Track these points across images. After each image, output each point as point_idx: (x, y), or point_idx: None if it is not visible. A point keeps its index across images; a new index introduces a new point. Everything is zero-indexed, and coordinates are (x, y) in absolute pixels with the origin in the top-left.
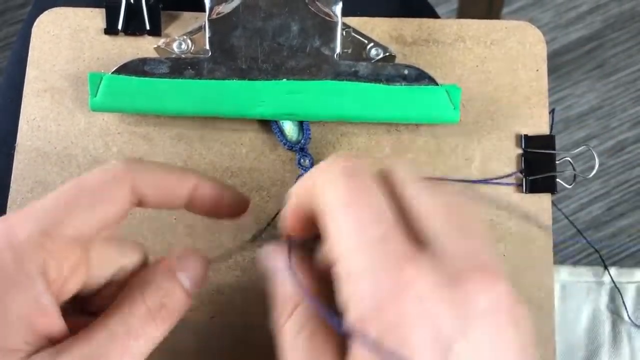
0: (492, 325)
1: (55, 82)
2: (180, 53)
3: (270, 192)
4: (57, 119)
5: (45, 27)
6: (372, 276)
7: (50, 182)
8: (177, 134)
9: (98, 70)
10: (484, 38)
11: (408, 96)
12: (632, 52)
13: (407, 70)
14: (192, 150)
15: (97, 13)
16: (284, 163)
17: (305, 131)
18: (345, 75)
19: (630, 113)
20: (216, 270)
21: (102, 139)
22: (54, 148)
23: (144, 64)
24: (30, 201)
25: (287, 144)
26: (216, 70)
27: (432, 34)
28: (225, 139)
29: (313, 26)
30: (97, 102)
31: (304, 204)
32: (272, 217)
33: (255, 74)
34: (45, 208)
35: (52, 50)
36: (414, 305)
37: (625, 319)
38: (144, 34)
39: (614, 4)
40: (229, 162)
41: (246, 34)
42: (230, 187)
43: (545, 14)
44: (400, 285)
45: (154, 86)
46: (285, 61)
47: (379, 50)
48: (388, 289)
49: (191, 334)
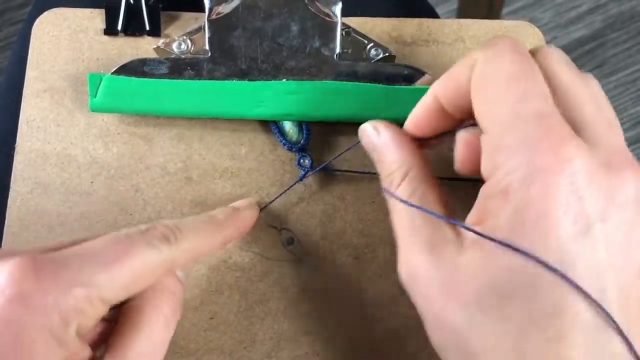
0: (633, 213)
1: (54, 82)
2: (180, 53)
3: (269, 192)
4: (57, 119)
5: (45, 27)
6: (529, 148)
7: (50, 183)
8: (177, 134)
9: (98, 70)
10: (484, 38)
11: (408, 96)
12: (632, 52)
13: (406, 70)
14: (191, 151)
15: (97, 13)
16: (283, 163)
17: (304, 131)
18: (345, 76)
19: (630, 113)
20: (216, 270)
21: (102, 139)
22: (53, 149)
23: (143, 65)
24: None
25: (286, 144)
26: (216, 71)
27: (432, 34)
28: (224, 139)
29: (313, 26)
30: (96, 102)
31: (447, 94)
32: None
33: (255, 74)
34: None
35: (51, 51)
36: (567, 181)
37: None
38: (144, 35)
39: (614, 4)
40: (228, 162)
41: (246, 34)
42: (252, 214)
43: (545, 14)
44: (559, 161)
45: (153, 87)
46: (285, 61)
47: (379, 51)
48: (544, 162)
49: (191, 334)
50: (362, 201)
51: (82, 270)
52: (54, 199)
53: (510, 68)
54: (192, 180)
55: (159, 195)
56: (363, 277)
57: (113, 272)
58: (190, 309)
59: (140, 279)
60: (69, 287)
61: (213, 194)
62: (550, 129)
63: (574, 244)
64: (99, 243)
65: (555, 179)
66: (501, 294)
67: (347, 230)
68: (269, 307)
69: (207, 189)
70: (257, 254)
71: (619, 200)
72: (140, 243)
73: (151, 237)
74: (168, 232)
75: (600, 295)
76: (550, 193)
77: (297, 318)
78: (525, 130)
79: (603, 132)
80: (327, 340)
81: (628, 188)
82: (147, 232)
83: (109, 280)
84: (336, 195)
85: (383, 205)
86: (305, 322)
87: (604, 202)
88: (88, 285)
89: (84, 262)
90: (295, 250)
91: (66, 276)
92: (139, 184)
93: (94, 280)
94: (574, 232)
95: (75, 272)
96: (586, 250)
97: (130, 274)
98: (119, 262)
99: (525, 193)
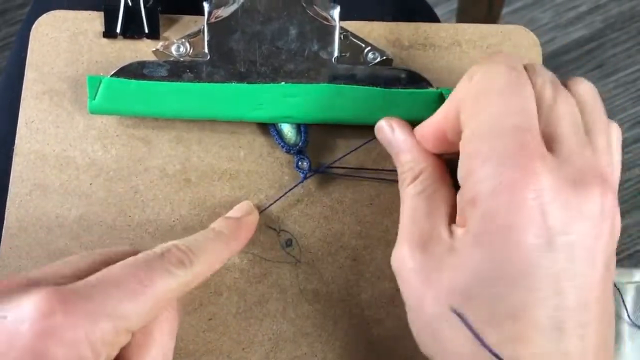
0: (594, 228)
1: (54, 84)
2: (179, 56)
3: (268, 195)
4: (56, 121)
5: (44, 29)
6: (500, 160)
7: (49, 185)
8: (176, 136)
9: (97, 73)
10: (480, 42)
11: (405, 99)
12: (631, 52)
13: (404, 74)
14: (190, 153)
15: (96, 16)
16: (282, 166)
17: (303, 134)
18: (343, 79)
19: (630, 113)
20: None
21: (101, 141)
22: (52, 150)
23: (142, 67)
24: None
25: (285, 147)
26: (215, 74)
27: (429, 38)
28: (223, 141)
29: (311, 30)
30: (95, 104)
31: (453, 107)
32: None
33: (254, 77)
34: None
35: (50, 53)
36: (532, 196)
37: (625, 319)
38: (143, 37)
39: (614, 4)
40: (227, 164)
41: (245, 38)
42: (253, 221)
43: (545, 14)
44: (526, 175)
45: (152, 89)
46: (284, 64)
47: (376, 54)
48: (513, 175)
49: (189, 335)
50: (360, 203)
51: (107, 302)
52: (52, 201)
53: (501, 82)
54: (191, 182)
55: (157, 197)
56: (361, 279)
57: (138, 302)
58: (188, 310)
59: (160, 305)
60: (96, 320)
61: (212, 196)
62: (523, 144)
63: (535, 255)
64: (120, 271)
65: (521, 193)
66: (466, 294)
67: (345, 232)
68: (267, 308)
69: (205, 191)
70: (255, 256)
71: (584, 214)
72: (160, 270)
73: (168, 263)
74: (183, 257)
75: (558, 301)
76: (515, 206)
77: (296, 319)
78: (501, 142)
79: (575, 149)
80: (326, 341)
81: (593, 203)
82: (163, 257)
83: (134, 311)
84: (334, 197)
85: (381, 207)
86: (304, 323)
87: (567, 216)
88: (114, 316)
89: (109, 293)
90: (293, 252)
91: (93, 309)
92: (137, 186)
93: (119, 311)
94: (536, 244)
95: (101, 304)
96: (546, 261)
97: (153, 302)
98: (142, 292)
99: (492, 203)
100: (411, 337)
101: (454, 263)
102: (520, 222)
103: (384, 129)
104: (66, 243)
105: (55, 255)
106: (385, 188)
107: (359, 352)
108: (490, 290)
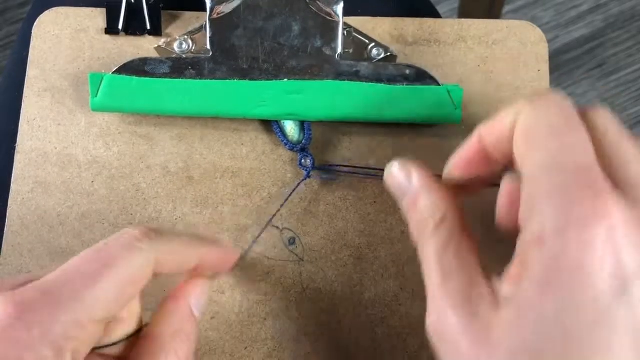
0: None
1: (55, 82)
2: (181, 53)
3: (271, 192)
4: (58, 118)
5: (46, 27)
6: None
7: (51, 183)
8: (178, 134)
9: (99, 70)
10: (485, 38)
11: (409, 96)
12: (632, 51)
13: (408, 70)
14: (192, 150)
15: (98, 13)
16: (285, 163)
17: (306, 131)
18: (347, 75)
19: (630, 113)
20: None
21: (103, 139)
22: (54, 148)
23: (144, 64)
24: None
25: (288, 144)
26: (217, 70)
27: (433, 34)
28: (226, 139)
29: (314, 26)
30: (97, 102)
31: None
32: (272, 215)
33: (257, 74)
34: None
35: (52, 50)
36: (604, 234)
37: None
38: (145, 34)
39: (615, 4)
40: (229, 162)
41: (247, 34)
42: (233, 251)
43: (546, 13)
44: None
45: (154, 86)
46: (287, 61)
47: (380, 50)
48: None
49: None
50: (363, 201)
51: (63, 294)
52: (54, 199)
53: (555, 120)
54: (193, 179)
55: (160, 195)
56: (365, 277)
57: (96, 288)
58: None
59: (128, 286)
60: (53, 315)
61: (214, 194)
62: (589, 180)
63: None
64: (76, 260)
65: (592, 230)
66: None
67: (348, 230)
68: (270, 306)
69: (208, 188)
70: (258, 254)
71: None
72: (118, 249)
73: (129, 238)
74: (146, 230)
75: (638, 356)
76: (586, 245)
77: (299, 318)
78: (564, 179)
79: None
80: (329, 339)
81: None
82: (125, 233)
83: (94, 298)
84: (338, 195)
85: (384, 206)
86: (307, 322)
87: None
88: (73, 308)
89: (64, 284)
90: (296, 250)
91: (48, 304)
92: (140, 184)
93: (78, 301)
94: (611, 288)
95: (56, 297)
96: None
97: (117, 284)
98: (102, 274)
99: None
100: (415, 335)
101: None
102: (593, 262)
103: (397, 175)
104: (68, 241)
105: (56, 253)
106: None
107: (362, 350)
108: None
